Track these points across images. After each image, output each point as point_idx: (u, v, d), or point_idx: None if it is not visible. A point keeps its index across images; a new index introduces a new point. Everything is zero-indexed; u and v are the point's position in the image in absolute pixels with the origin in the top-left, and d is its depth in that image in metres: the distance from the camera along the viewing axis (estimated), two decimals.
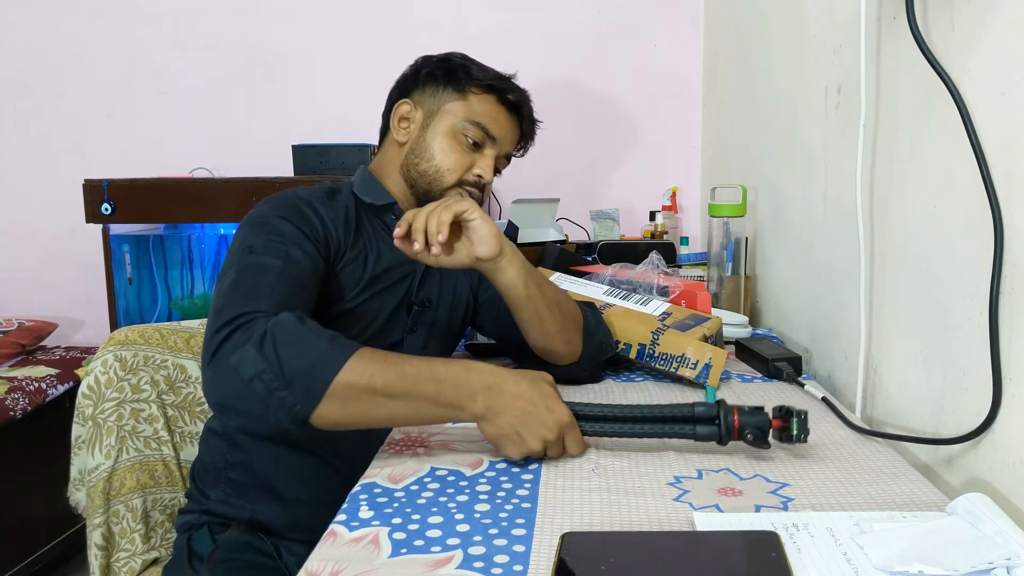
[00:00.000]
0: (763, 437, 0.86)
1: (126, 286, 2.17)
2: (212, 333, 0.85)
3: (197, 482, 1.14)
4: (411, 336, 1.15)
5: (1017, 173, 0.74)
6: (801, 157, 1.39)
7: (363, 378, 0.81)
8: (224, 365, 0.82)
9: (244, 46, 2.42)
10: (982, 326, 0.79)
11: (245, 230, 1.01)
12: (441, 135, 1.13)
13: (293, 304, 0.91)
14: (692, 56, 2.36)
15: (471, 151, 1.14)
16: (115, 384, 1.19)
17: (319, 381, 0.81)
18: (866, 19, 1.02)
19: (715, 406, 0.88)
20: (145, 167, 2.35)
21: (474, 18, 2.35)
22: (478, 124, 1.13)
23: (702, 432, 0.87)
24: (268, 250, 0.96)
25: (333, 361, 0.81)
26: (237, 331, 0.84)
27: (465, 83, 1.14)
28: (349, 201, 1.13)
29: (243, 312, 0.86)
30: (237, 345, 0.82)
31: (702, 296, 1.31)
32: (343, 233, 1.08)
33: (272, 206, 1.04)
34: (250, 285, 0.91)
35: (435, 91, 1.15)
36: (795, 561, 0.63)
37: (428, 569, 0.66)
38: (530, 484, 0.82)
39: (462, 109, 1.14)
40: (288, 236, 0.99)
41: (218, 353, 0.83)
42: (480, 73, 1.14)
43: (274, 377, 0.80)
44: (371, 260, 1.10)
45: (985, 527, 0.65)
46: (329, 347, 0.82)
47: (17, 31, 2.46)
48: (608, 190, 2.42)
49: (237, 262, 0.95)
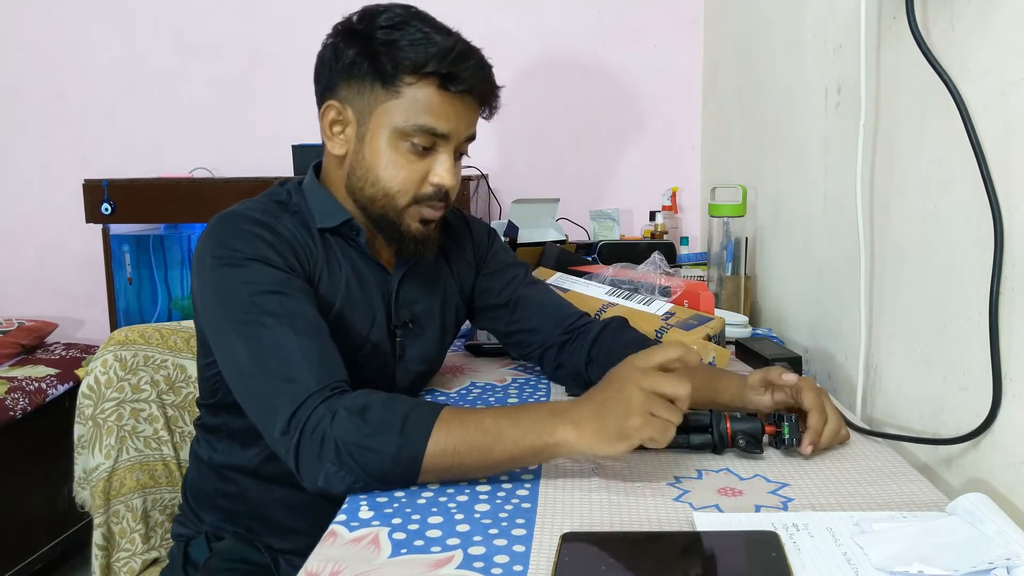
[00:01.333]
0: (756, 443, 0.86)
1: (126, 286, 2.17)
2: (277, 433, 0.82)
3: (190, 501, 1.11)
4: (402, 363, 1.07)
5: (1017, 173, 0.74)
6: (801, 157, 1.39)
7: (447, 457, 0.79)
8: (314, 481, 0.80)
9: (244, 46, 2.42)
10: (982, 326, 0.79)
11: (218, 282, 0.90)
12: (381, 149, 0.94)
13: (326, 356, 0.86)
14: (692, 56, 2.36)
15: (421, 157, 0.95)
16: (115, 384, 1.19)
17: (409, 473, 0.80)
18: (866, 19, 1.02)
19: (707, 414, 0.88)
20: (145, 167, 2.35)
21: (474, 18, 2.34)
22: (421, 128, 0.93)
23: (696, 441, 0.88)
24: (266, 308, 0.87)
25: (413, 452, 0.79)
26: (303, 437, 0.80)
27: (395, 74, 0.91)
28: (306, 217, 1.00)
29: (295, 405, 0.81)
30: (312, 460, 0.80)
31: (704, 296, 1.31)
32: (308, 254, 0.97)
33: (232, 246, 0.91)
34: (277, 360, 0.84)
35: (361, 87, 0.94)
36: (795, 561, 0.63)
37: (428, 569, 0.66)
38: (530, 484, 0.82)
39: (399, 110, 0.92)
40: (273, 282, 0.89)
41: (299, 468, 0.81)
42: (411, 52, 0.90)
43: (366, 484, 0.80)
44: (343, 281, 1.00)
45: (985, 527, 0.65)
46: (401, 438, 0.79)
47: (17, 31, 2.46)
48: (608, 190, 2.42)
49: (236, 329, 0.87)
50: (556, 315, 1.14)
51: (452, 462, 0.79)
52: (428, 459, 0.78)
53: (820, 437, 0.86)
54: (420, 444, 0.78)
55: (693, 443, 0.88)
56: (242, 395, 0.88)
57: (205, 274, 0.92)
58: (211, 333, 0.92)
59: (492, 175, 2.33)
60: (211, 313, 0.91)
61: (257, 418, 0.85)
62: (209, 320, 0.92)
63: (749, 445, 0.85)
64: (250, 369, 0.86)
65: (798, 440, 0.86)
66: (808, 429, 0.87)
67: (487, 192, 2.29)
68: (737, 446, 0.86)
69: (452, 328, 1.16)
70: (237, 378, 0.88)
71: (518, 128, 2.39)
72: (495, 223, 1.78)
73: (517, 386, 1.19)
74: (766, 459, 0.87)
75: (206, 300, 0.92)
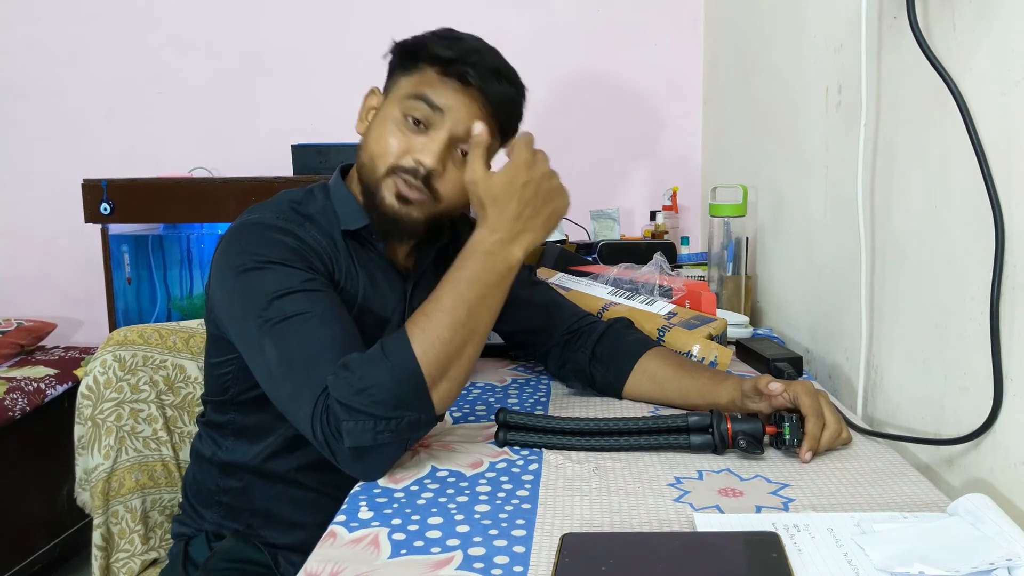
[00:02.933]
0: (756, 443, 0.86)
1: (125, 286, 2.17)
2: (308, 430, 0.83)
3: (191, 499, 1.11)
4: None
5: (1018, 173, 0.74)
6: (801, 157, 1.39)
7: (438, 349, 0.82)
8: (344, 456, 0.81)
9: (244, 46, 2.42)
10: (983, 326, 0.78)
11: (242, 286, 0.91)
12: (384, 117, 0.98)
13: (348, 346, 0.86)
14: (692, 56, 2.36)
15: (414, 133, 0.96)
16: (114, 384, 1.18)
17: (418, 387, 0.81)
18: (867, 19, 1.02)
19: (708, 415, 0.88)
20: (144, 167, 2.35)
21: (475, 18, 2.33)
22: (418, 95, 0.96)
23: (696, 442, 0.87)
24: (290, 309, 0.88)
25: (407, 364, 0.81)
26: (323, 420, 0.81)
27: (416, 59, 0.98)
28: (326, 221, 1.01)
29: (315, 396, 0.82)
30: (333, 436, 0.81)
31: (706, 296, 1.31)
32: (330, 258, 0.99)
33: (254, 252, 0.92)
34: (303, 356, 0.85)
35: (392, 73, 1.02)
36: (796, 562, 0.63)
37: (428, 570, 0.65)
38: (530, 485, 0.82)
39: (409, 83, 0.98)
40: (300, 281, 0.90)
41: (333, 452, 0.82)
42: (434, 46, 0.98)
43: (387, 420, 0.80)
44: (360, 286, 1.01)
45: (986, 527, 0.65)
46: (388, 361, 0.81)
47: (17, 31, 2.46)
48: (608, 190, 2.42)
49: (265, 331, 0.88)
50: (559, 315, 1.15)
51: (446, 350, 0.82)
52: (423, 362, 0.81)
53: (818, 443, 0.86)
54: (407, 354, 0.81)
55: (693, 444, 0.87)
56: (276, 398, 0.88)
57: (228, 282, 0.93)
58: (239, 339, 0.93)
59: None
60: (236, 319, 0.92)
61: (293, 419, 0.86)
62: (236, 326, 0.93)
63: (750, 446, 0.85)
64: (280, 370, 0.87)
65: (799, 440, 0.86)
66: (806, 435, 0.86)
67: None
68: (738, 447, 0.86)
69: None
70: (268, 380, 0.88)
71: (518, 128, 2.39)
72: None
73: (517, 386, 1.19)
74: (767, 460, 0.87)
75: (232, 307, 0.93)
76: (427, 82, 0.96)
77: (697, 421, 0.88)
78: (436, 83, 0.96)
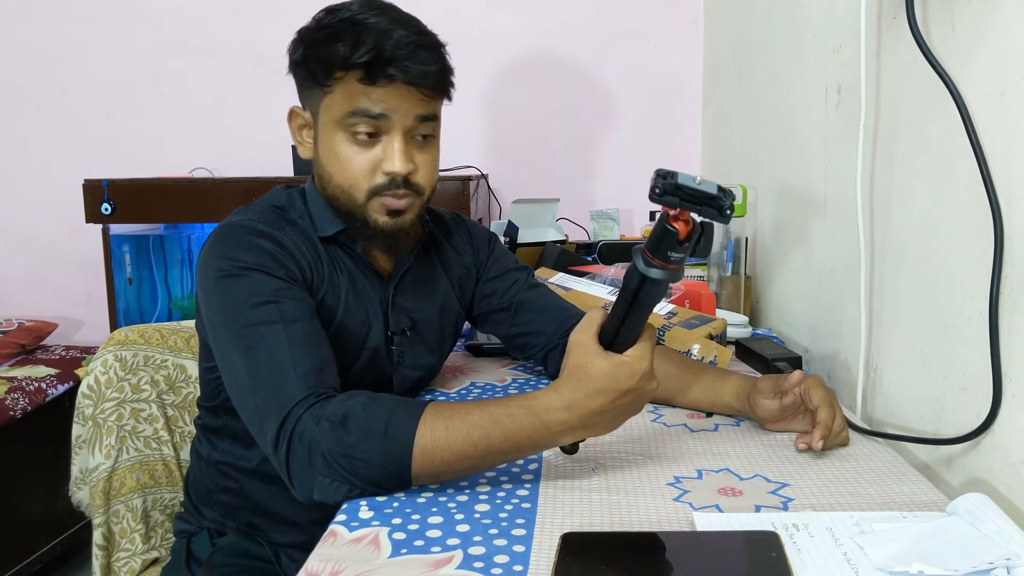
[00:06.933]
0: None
1: (126, 286, 2.17)
2: (269, 445, 0.82)
3: (192, 497, 1.12)
4: (400, 370, 1.07)
5: (1017, 173, 0.74)
6: (801, 157, 1.39)
7: (436, 455, 0.78)
8: (307, 493, 0.80)
9: (244, 46, 2.42)
10: (982, 326, 0.79)
11: (220, 293, 0.90)
12: (329, 144, 0.94)
13: (317, 364, 0.86)
14: (692, 56, 2.36)
15: (368, 147, 0.93)
16: (115, 384, 1.19)
17: (400, 477, 0.79)
18: (866, 19, 1.02)
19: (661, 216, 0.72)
20: (145, 167, 2.35)
21: (475, 18, 2.35)
22: (355, 112, 0.91)
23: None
24: (262, 318, 0.87)
25: (400, 456, 0.78)
26: (291, 448, 0.80)
27: (325, 73, 0.92)
28: (307, 225, 1.00)
29: (282, 416, 0.81)
30: (303, 470, 0.79)
31: (706, 296, 1.31)
32: (310, 265, 0.97)
33: (233, 257, 0.91)
34: (269, 371, 0.84)
35: (305, 89, 0.97)
36: (795, 561, 0.63)
37: (428, 569, 0.66)
38: (530, 484, 0.82)
39: (335, 103, 0.92)
40: (273, 291, 0.89)
41: (292, 479, 0.80)
42: (335, 49, 0.90)
43: (362, 491, 0.80)
44: (342, 291, 1.00)
45: (985, 527, 0.65)
46: (387, 443, 0.78)
47: (17, 31, 2.46)
48: (608, 190, 2.42)
49: (235, 341, 0.87)
50: (558, 317, 1.14)
51: (444, 462, 0.78)
52: (417, 460, 0.78)
53: (831, 432, 0.88)
54: (406, 444, 0.78)
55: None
56: (240, 407, 0.88)
57: (208, 286, 0.92)
58: (214, 345, 0.93)
59: (492, 175, 2.33)
60: (214, 324, 0.92)
61: (254, 431, 0.86)
62: (212, 332, 0.93)
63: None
64: (245, 382, 0.86)
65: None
66: (819, 423, 0.88)
67: (487, 192, 2.28)
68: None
69: (451, 335, 1.16)
70: (235, 390, 0.88)
71: (518, 128, 2.39)
72: (495, 223, 1.78)
73: (517, 386, 1.19)
74: (766, 459, 0.87)
75: (210, 312, 0.92)
76: (354, 94, 0.91)
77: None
78: (365, 93, 0.90)
